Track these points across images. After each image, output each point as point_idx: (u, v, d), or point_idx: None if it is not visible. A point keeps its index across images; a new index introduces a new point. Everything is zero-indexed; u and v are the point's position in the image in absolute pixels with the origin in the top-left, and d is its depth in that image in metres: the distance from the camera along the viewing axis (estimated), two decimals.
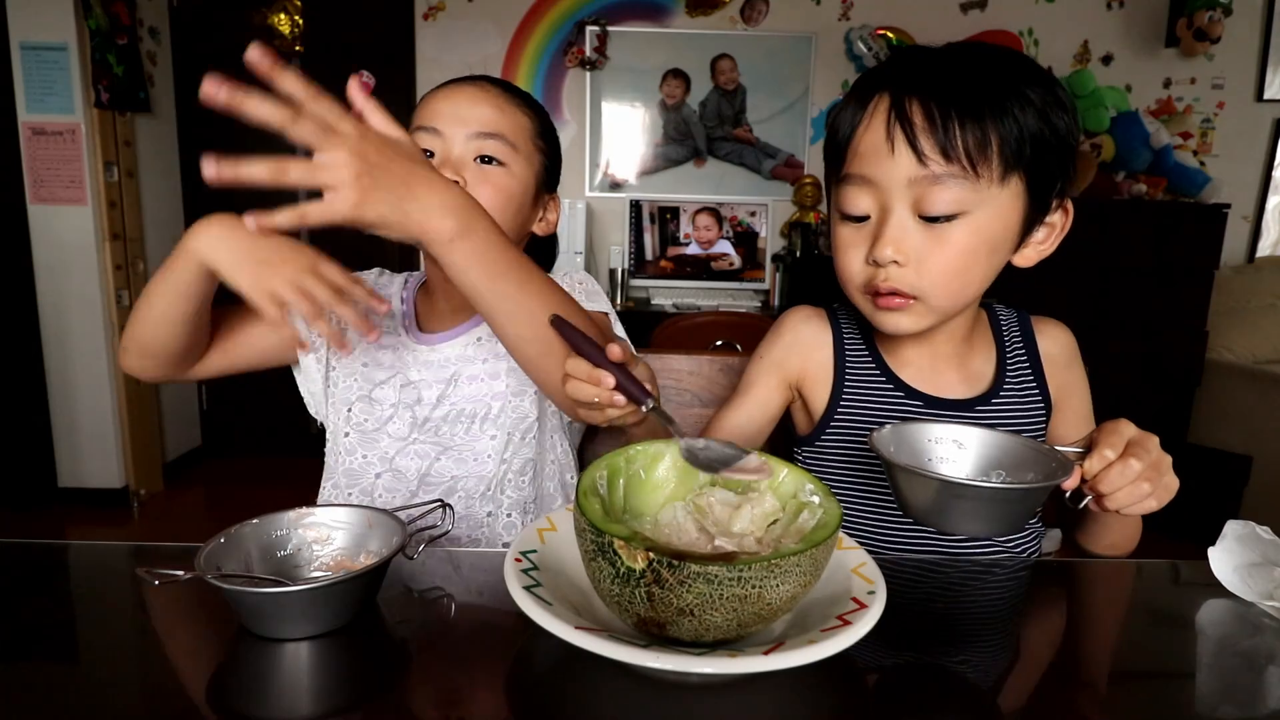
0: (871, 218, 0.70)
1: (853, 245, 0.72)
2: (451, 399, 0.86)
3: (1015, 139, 0.65)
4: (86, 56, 2.56)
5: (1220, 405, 2.63)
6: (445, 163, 0.81)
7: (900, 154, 0.66)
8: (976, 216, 0.67)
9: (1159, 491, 0.61)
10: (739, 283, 3.11)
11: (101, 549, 0.68)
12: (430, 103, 0.84)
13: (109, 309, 2.72)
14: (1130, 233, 2.59)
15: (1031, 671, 0.52)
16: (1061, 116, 0.66)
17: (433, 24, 3.07)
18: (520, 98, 0.87)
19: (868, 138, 0.69)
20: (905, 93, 0.66)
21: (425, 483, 0.85)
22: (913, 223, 0.68)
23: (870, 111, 0.69)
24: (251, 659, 0.49)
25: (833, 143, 0.74)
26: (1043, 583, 0.69)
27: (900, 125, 0.66)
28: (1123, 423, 0.63)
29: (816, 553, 0.46)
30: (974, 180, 0.65)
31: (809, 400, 0.84)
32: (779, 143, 3.17)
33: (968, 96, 0.65)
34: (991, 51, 0.69)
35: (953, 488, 0.56)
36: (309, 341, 0.87)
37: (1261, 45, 3.01)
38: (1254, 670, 0.51)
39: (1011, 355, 0.81)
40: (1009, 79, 0.66)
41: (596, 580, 0.48)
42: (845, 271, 0.74)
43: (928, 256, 0.68)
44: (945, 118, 0.64)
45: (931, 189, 0.66)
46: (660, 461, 0.59)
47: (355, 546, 0.59)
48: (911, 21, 3.05)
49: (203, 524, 2.74)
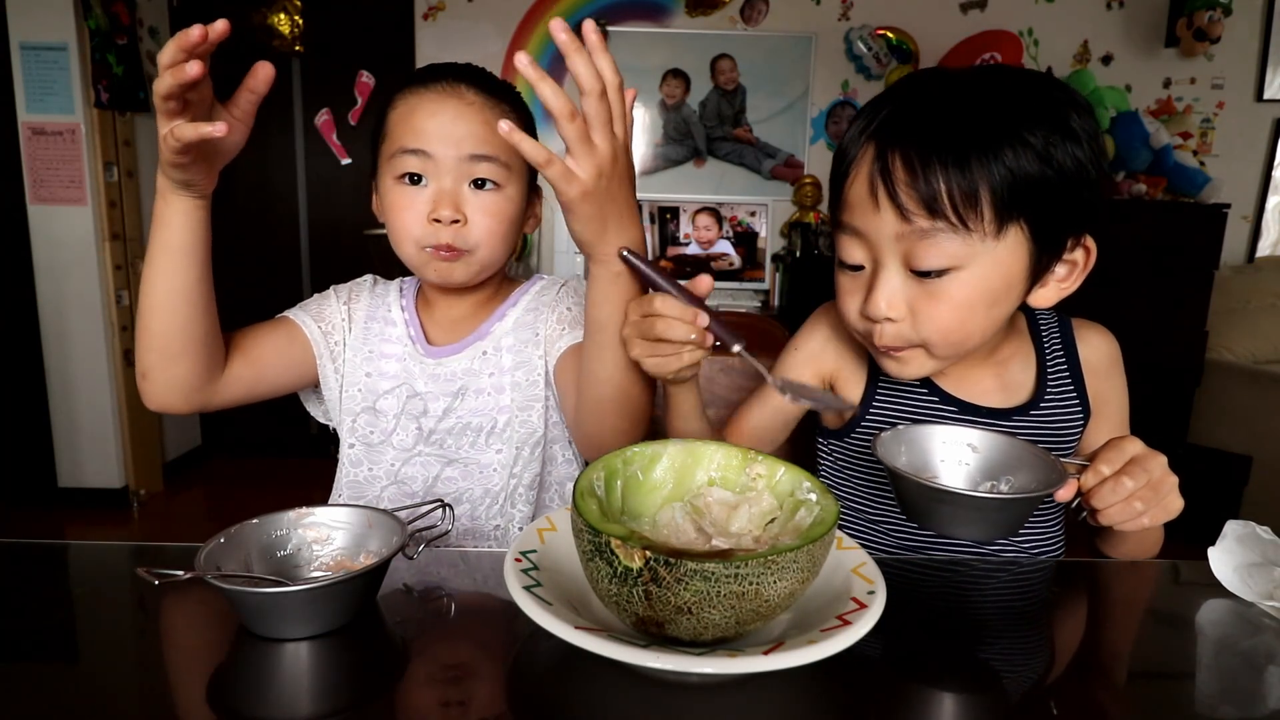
0: (866, 268, 0.68)
1: (850, 293, 0.70)
2: (458, 412, 0.85)
3: (1008, 187, 0.60)
4: (86, 56, 2.56)
5: (1220, 405, 2.63)
6: (441, 197, 0.78)
7: (884, 209, 0.63)
8: (972, 270, 0.63)
9: (1155, 511, 0.60)
10: (739, 283, 3.11)
11: (101, 549, 0.68)
12: (412, 118, 0.79)
13: (109, 309, 2.72)
14: (1130, 233, 2.59)
15: (1031, 671, 0.52)
16: (1071, 152, 0.61)
17: (433, 24, 3.06)
18: (502, 101, 0.82)
19: (855, 188, 0.66)
20: (888, 143, 0.62)
21: (431, 494, 0.85)
22: (903, 279, 0.65)
23: (858, 161, 0.66)
24: (251, 659, 0.49)
25: (835, 179, 0.70)
26: (1044, 584, 0.69)
27: (881, 179, 0.62)
28: (1128, 440, 0.62)
29: (814, 549, 0.46)
30: (965, 234, 0.61)
31: (842, 394, 0.83)
32: (779, 143, 3.17)
33: (952, 143, 0.60)
34: (990, 86, 0.63)
35: (942, 494, 0.57)
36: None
37: (1261, 45, 3.01)
38: (1254, 670, 0.51)
39: (1052, 363, 0.79)
40: (1003, 119, 0.60)
41: (594, 580, 0.48)
42: (846, 319, 0.72)
43: (922, 311, 0.65)
44: (926, 168, 0.60)
45: (919, 244, 0.62)
46: (658, 462, 0.59)
47: (355, 546, 0.59)
48: (911, 21, 3.05)
49: (203, 524, 2.74)
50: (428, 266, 0.82)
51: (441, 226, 0.78)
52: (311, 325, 0.87)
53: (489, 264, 0.84)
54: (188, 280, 0.72)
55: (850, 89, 3.12)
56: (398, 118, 0.80)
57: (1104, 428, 0.80)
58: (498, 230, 0.81)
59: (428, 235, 0.79)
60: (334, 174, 3.19)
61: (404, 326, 0.89)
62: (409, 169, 0.79)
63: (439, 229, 0.78)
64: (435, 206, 0.78)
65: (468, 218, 0.79)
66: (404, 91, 0.81)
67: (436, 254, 0.80)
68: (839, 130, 3.15)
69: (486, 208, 0.80)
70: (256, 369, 0.82)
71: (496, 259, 0.84)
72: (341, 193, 3.21)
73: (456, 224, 0.78)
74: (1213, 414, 2.66)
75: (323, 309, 0.89)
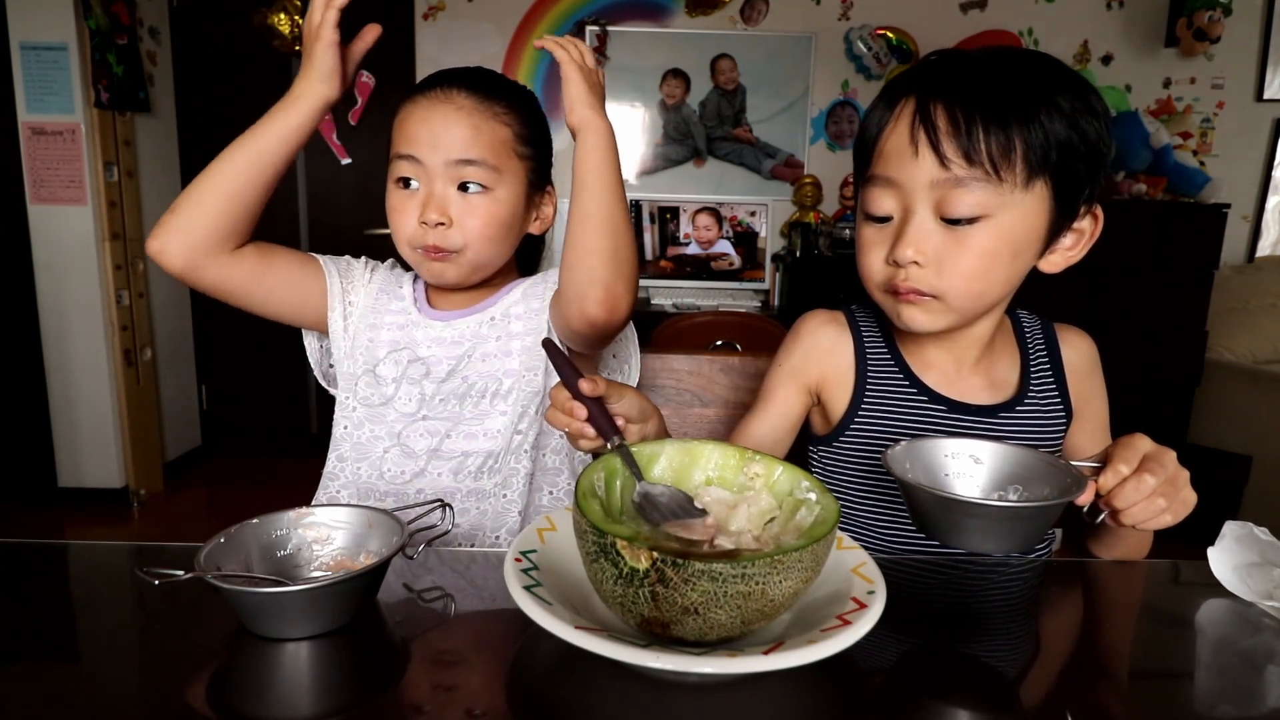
0: (894, 218, 0.70)
1: (875, 245, 0.72)
2: (463, 373, 0.86)
3: (1041, 145, 0.65)
4: (86, 56, 2.56)
5: (1220, 405, 2.63)
6: (428, 199, 0.82)
7: (923, 156, 0.66)
8: (999, 219, 0.67)
9: (1175, 507, 0.61)
10: (739, 283, 3.11)
11: (101, 549, 0.68)
12: (407, 124, 0.83)
13: (109, 309, 2.72)
14: (1130, 233, 2.59)
15: (1031, 671, 0.52)
16: (1092, 124, 0.66)
17: (433, 24, 3.07)
18: (498, 100, 0.84)
19: (893, 139, 0.69)
20: (931, 96, 0.67)
21: (435, 457, 0.85)
22: (934, 224, 0.68)
23: (896, 114, 0.69)
24: (251, 659, 0.49)
25: (861, 143, 0.74)
26: (1043, 583, 0.69)
27: (924, 128, 0.66)
28: (1139, 437, 0.62)
29: (817, 548, 0.46)
30: (997, 184, 0.65)
31: (828, 404, 0.83)
32: (779, 143, 3.17)
33: (993, 101, 0.65)
34: (1025, 57, 0.68)
35: (966, 507, 0.56)
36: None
37: (1261, 45, 3.01)
38: (1253, 670, 0.51)
39: (1035, 363, 0.81)
40: (1039, 85, 0.66)
41: (599, 582, 0.48)
42: (866, 270, 0.74)
43: (948, 257, 0.68)
44: (969, 121, 0.64)
45: (953, 191, 0.66)
46: (655, 462, 0.59)
47: (355, 546, 0.59)
48: (911, 21, 3.05)
49: (203, 524, 2.74)
50: (421, 266, 0.86)
51: (429, 228, 0.82)
52: (335, 277, 0.90)
53: (480, 264, 0.86)
54: (274, 159, 0.79)
55: (850, 89, 3.13)
56: (397, 124, 0.85)
57: (1085, 428, 0.82)
58: (484, 232, 0.83)
59: (417, 236, 0.83)
60: (334, 174, 3.19)
61: (411, 300, 0.92)
62: (402, 174, 0.83)
63: (427, 231, 0.82)
64: (424, 210, 0.82)
65: (454, 220, 0.82)
66: (406, 98, 0.85)
67: (427, 254, 0.83)
68: (839, 130, 3.16)
69: (473, 210, 0.83)
70: (264, 266, 0.85)
71: (487, 259, 0.86)
72: (341, 193, 3.21)
73: (442, 226, 0.82)
74: (1213, 414, 2.66)
75: (350, 269, 0.93)
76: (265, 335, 1.73)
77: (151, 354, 2.95)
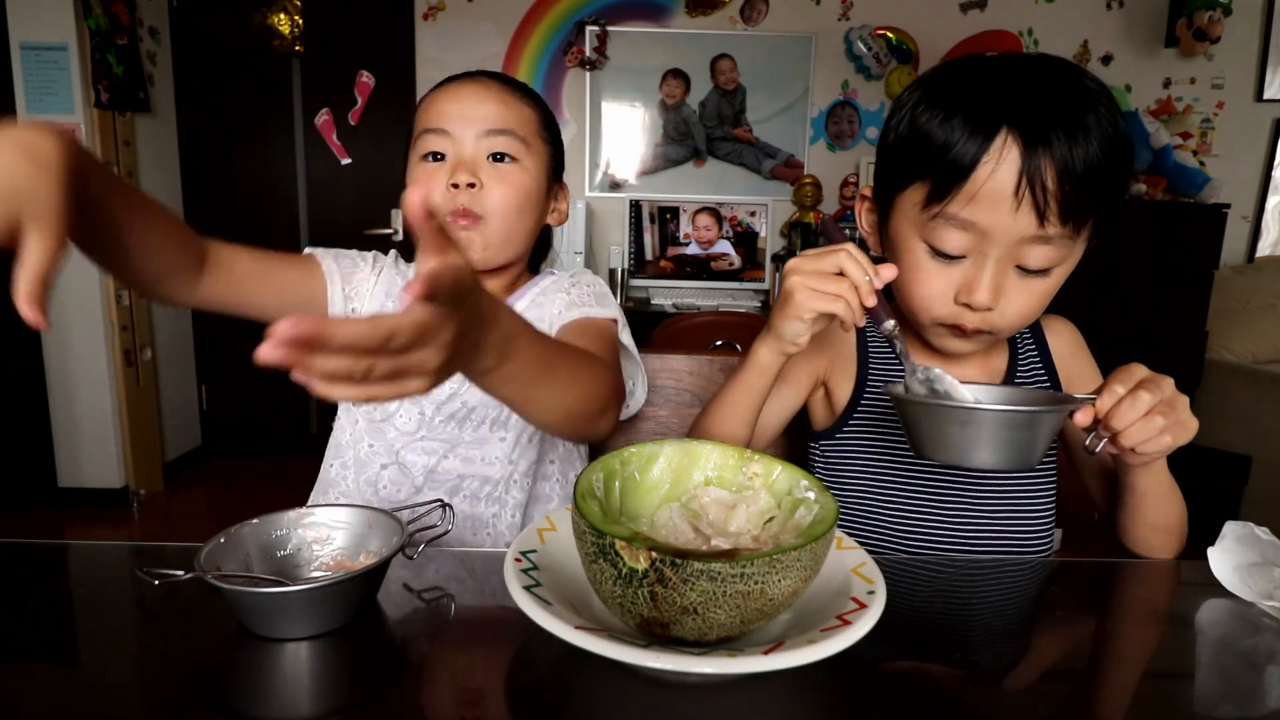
0: (967, 259, 0.68)
1: (938, 279, 0.70)
2: (462, 397, 0.86)
3: (1114, 206, 0.67)
4: (86, 56, 2.56)
5: (1220, 405, 2.63)
6: (459, 164, 0.81)
7: (1024, 212, 0.63)
8: (1064, 267, 0.69)
9: (1174, 429, 0.61)
10: (739, 283, 3.11)
11: (101, 549, 0.68)
12: (435, 103, 0.84)
13: (109, 309, 2.72)
14: (1130, 233, 2.59)
15: (1031, 671, 0.52)
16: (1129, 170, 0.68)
17: (433, 24, 3.06)
18: (521, 91, 0.87)
19: (991, 183, 0.63)
20: (1036, 144, 0.62)
21: (431, 479, 0.85)
22: (1013, 274, 0.68)
23: (997, 153, 0.63)
24: (251, 659, 0.49)
25: (929, 156, 0.66)
26: (1043, 583, 0.69)
27: (1031, 187, 0.62)
28: (1135, 365, 0.64)
29: (816, 547, 0.46)
30: (1073, 239, 0.66)
31: (833, 392, 0.85)
32: (779, 143, 3.17)
33: (1089, 164, 0.62)
34: (1097, 95, 0.64)
35: (959, 415, 0.57)
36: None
37: (1261, 45, 3.01)
38: (1253, 670, 0.51)
39: (1023, 350, 0.84)
40: (1116, 141, 0.64)
41: (598, 582, 0.48)
42: (925, 303, 0.71)
43: (1014, 300, 0.69)
44: (1073, 184, 0.62)
45: (1038, 246, 0.65)
46: (654, 463, 0.59)
47: (355, 546, 0.59)
48: (911, 21, 3.05)
49: (203, 524, 2.74)
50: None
51: (459, 191, 0.81)
52: (336, 283, 0.86)
53: (503, 239, 0.84)
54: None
55: (850, 89, 3.13)
56: (423, 109, 0.85)
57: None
58: (513, 199, 0.83)
59: (446, 202, 0.81)
60: (334, 174, 3.19)
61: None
62: (431, 148, 0.83)
63: (456, 194, 0.81)
64: (454, 173, 0.81)
65: (484, 184, 0.82)
66: (430, 90, 0.86)
67: (455, 220, 0.82)
68: (839, 130, 3.16)
69: (503, 177, 0.83)
70: (261, 274, 0.79)
71: (511, 235, 0.85)
72: (341, 193, 3.21)
73: (473, 188, 0.81)
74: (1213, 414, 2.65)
75: (355, 272, 0.89)
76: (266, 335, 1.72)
77: (151, 354, 2.95)
